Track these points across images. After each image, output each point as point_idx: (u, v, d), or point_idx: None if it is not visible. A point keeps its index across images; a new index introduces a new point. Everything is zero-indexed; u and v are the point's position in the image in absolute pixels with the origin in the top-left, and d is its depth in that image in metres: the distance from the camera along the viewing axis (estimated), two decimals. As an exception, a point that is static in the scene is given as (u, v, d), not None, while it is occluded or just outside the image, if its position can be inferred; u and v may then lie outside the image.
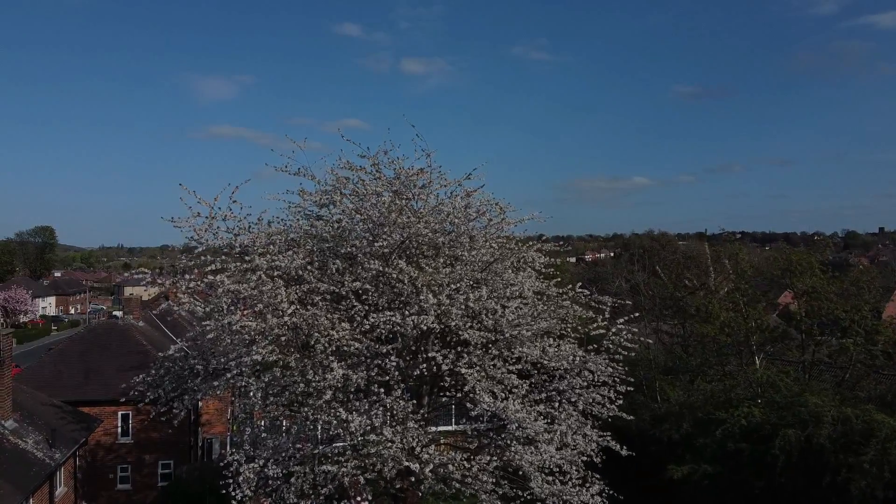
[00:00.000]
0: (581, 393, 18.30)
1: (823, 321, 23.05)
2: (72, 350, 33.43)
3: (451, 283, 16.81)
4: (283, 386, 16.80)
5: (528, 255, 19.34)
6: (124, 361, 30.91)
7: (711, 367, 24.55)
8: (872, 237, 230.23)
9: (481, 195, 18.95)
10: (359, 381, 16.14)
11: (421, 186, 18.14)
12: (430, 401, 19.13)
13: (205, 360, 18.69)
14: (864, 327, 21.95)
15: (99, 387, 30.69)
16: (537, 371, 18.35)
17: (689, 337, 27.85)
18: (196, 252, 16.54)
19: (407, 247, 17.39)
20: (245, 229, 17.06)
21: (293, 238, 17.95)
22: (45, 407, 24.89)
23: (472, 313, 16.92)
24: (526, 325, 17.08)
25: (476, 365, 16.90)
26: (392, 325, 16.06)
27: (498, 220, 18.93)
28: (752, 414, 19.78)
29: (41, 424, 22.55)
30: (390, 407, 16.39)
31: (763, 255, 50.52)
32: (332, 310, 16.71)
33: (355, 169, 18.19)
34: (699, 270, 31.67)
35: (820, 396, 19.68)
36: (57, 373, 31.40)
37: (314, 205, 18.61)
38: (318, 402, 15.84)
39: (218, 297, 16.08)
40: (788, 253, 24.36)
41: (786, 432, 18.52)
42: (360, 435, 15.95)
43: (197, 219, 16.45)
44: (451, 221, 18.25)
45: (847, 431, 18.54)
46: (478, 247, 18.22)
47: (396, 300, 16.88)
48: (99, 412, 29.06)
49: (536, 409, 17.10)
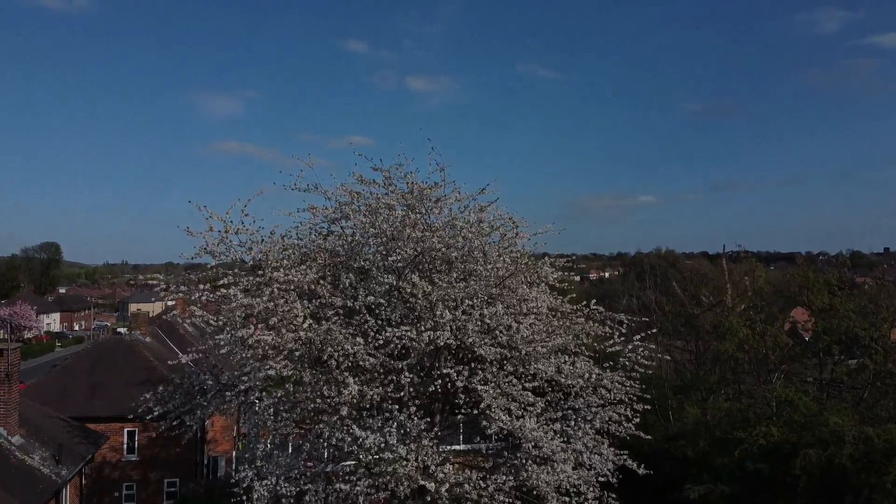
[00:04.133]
0: (597, 411, 18.02)
1: (842, 339, 22.74)
2: (78, 365, 33.23)
3: (466, 298, 16.59)
4: (294, 402, 16.56)
5: (543, 270, 19.12)
6: (131, 377, 30.65)
7: (728, 385, 24.23)
8: (878, 257, 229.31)
9: (495, 210, 18.81)
10: (373, 398, 15.87)
11: (435, 200, 17.95)
12: (443, 418, 18.85)
13: (215, 376, 18.47)
14: (883, 345, 21.64)
15: (105, 403, 30.44)
16: (552, 389, 18.07)
17: (703, 354, 27.55)
18: (210, 266, 16.35)
19: (420, 261, 17.19)
20: (258, 242, 16.89)
21: (306, 252, 17.77)
22: (52, 422, 24.60)
23: (486, 329, 16.69)
24: (541, 342, 16.84)
25: (491, 382, 16.64)
26: (407, 340, 15.82)
27: (512, 235, 18.75)
28: (771, 433, 19.43)
29: (48, 440, 22.25)
30: (404, 424, 16.12)
31: (769, 274, 50.25)
32: (346, 324, 16.50)
33: (367, 183, 18.08)
34: (714, 288, 31.40)
35: (840, 415, 19.33)
36: (63, 388, 31.16)
37: (325, 220, 18.47)
38: (332, 419, 15.56)
39: (231, 311, 15.87)
40: (805, 270, 24.13)
41: (807, 452, 18.17)
42: (375, 453, 15.66)
43: (210, 233, 16.27)
44: (463, 236, 18.06)
45: (869, 451, 18.20)
46: (492, 261, 18.01)
47: (410, 315, 16.66)
48: (105, 428, 28.73)
49: (552, 427, 16.81)
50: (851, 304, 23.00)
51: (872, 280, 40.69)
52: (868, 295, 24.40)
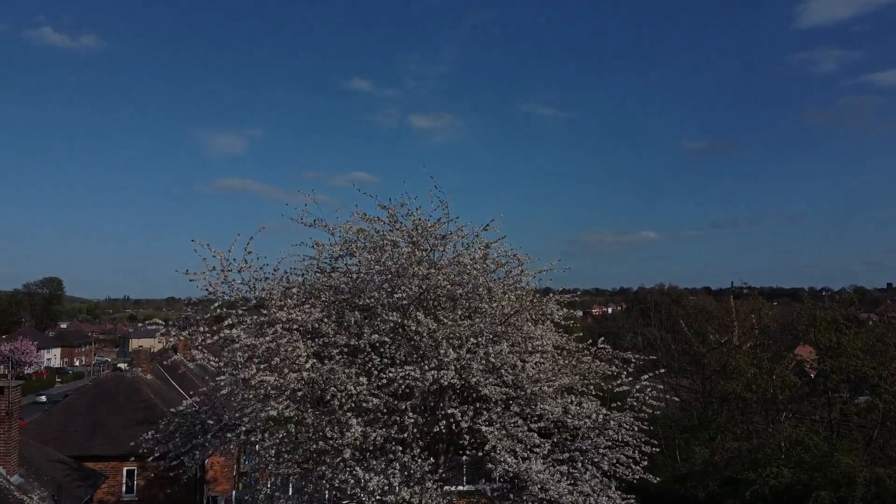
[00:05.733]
0: (604, 453, 17.70)
1: (850, 378, 22.43)
2: (78, 403, 32.89)
3: (471, 336, 16.41)
4: (297, 443, 16.31)
5: (548, 307, 18.95)
6: (131, 416, 30.37)
7: (737, 426, 23.87)
8: (881, 293, 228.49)
9: (499, 247, 18.70)
10: (377, 439, 15.61)
11: (441, 238, 17.84)
12: (447, 459, 18.52)
13: (216, 416, 18.22)
14: (892, 384, 21.32)
15: (105, 441, 30.07)
16: (558, 429, 17.78)
17: (710, 393, 27.20)
18: (213, 306, 16.21)
19: (424, 298, 17.05)
20: (262, 279, 16.79)
21: (310, 291, 17.63)
22: (51, 462, 24.27)
23: (491, 368, 16.47)
24: (546, 381, 16.61)
25: (496, 422, 16.37)
26: (411, 380, 15.60)
27: (517, 273, 18.63)
28: (782, 474, 19.09)
29: (46, 480, 21.92)
30: (408, 465, 15.83)
31: (773, 310, 49.96)
32: (349, 363, 16.30)
33: (371, 220, 18.00)
34: (719, 325, 31.13)
35: (851, 456, 19.00)
36: (63, 426, 30.81)
37: (330, 257, 18.36)
38: (335, 461, 15.30)
39: (232, 352, 15.69)
40: (812, 308, 23.91)
41: (819, 494, 17.83)
42: (378, 495, 15.35)
43: (212, 272, 16.18)
44: (468, 273, 17.92)
45: (881, 493, 17.86)
46: (497, 299, 17.85)
47: (414, 353, 16.47)
48: (104, 468, 28.33)
49: (559, 469, 16.49)
50: (859, 342, 22.73)
51: (877, 316, 40.41)
52: (875, 333, 24.13)
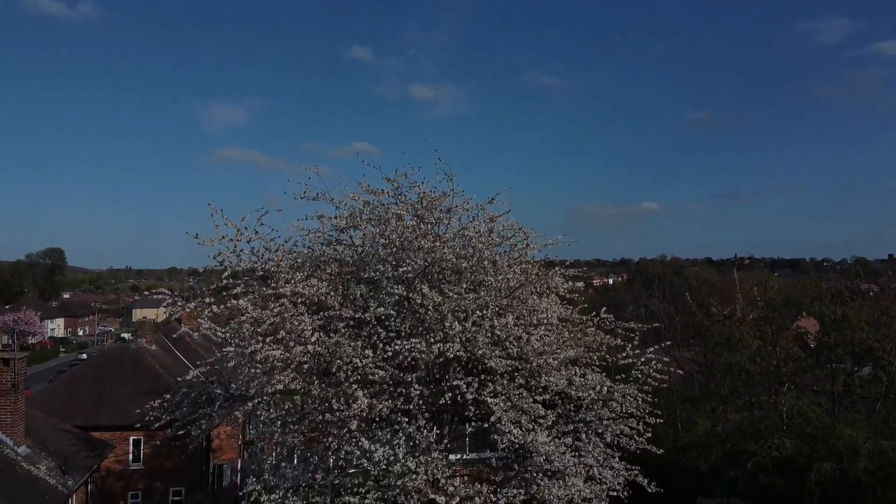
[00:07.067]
0: (608, 424, 17.78)
1: (855, 350, 22.46)
2: (84, 374, 33.08)
3: (476, 309, 16.40)
4: (303, 414, 16.39)
5: (553, 280, 18.92)
6: (137, 386, 30.51)
7: (739, 397, 23.98)
8: (882, 264, 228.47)
9: (505, 220, 18.63)
10: (382, 410, 15.67)
11: (446, 211, 17.75)
12: (451, 430, 18.63)
13: (223, 386, 18.29)
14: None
15: (111, 412, 30.29)
16: (562, 401, 17.85)
17: (713, 365, 27.27)
18: (224, 275, 16.17)
19: (429, 272, 17.01)
20: (270, 251, 16.73)
21: (316, 264, 17.59)
22: (58, 432, 24.46)
23: (496, 340, 16.49)
24: (552, 353, 16.64)
25: (501, 394, 16.43)
26: (416, 352, 15.62)
27: (523, 246, 18.57)
28: (784, 446, 19.20)
29: (53, 450, 22.11)
30: (413, 436, 15.91)
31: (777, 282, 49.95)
32: (355, 336, 16.31)
33: (376, 192, 17.89)
34: (722, 297, 31.10)
35: (854, 428, 19.10)
36: (68, 397, 31.01)
37: (334, 229, 18.27)
38: (341, 432, 15.38)
39: (239, 324, 15.68)
40: (816, 280, 23.88)
41: (821, 466, 17.95)
42: (384, 465, 15.46)
43: (221, 241, 16.10)
44: (473, 246, 17.86)
45: (883, 465, 17.95)
46: (502, 272, 17.82)
47: (419, 326, 16.47)
48: (110, 438, 28.58)
49: (564, 440, 16.58)
50: (864, 315, 22.73)
51: (878, 288, 40.38)
52: (880, 305, 24.11)
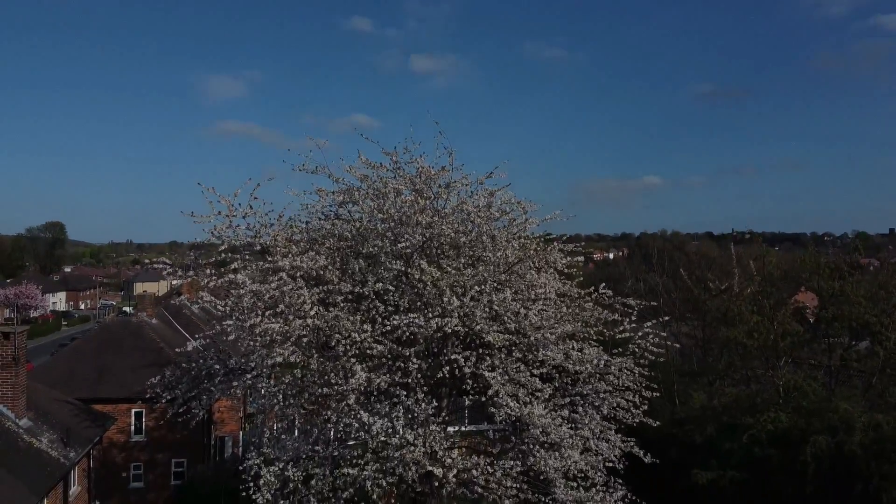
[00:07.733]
0: (605, 397, 17.92)
1: (852, 325, 22.52)
2: (85, 348, 33.26)
3: (474, 284, 16.45)
4: (302, 387, 16.51)
5: (552, 255, 18.93)
6: (138, 359, 30.72)
7: (736, 371, 24.11)
8: (883, 238, 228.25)
9: (503, 194, 18.58)
10: (381, 384, 15.79)
11: (445, 186, 17.70)
12: (449, 403, 18.78)
13: (222, 360, 18.41)
14: (893, 332, 21.41)
15: (113, 385, 30.50)
16: (559, 375, 17.97)
17: (710, 340, 27.40)
18: (221, 248, 16.21)
19: (428, 247, 17.03)
20: (266, 226, 16.73)
21: (314, 237, 17.61)
22: (59, 405, 24.65)
23: (494, 315, 16.56)
24: (549, 328, 16.73)
25: (499, 368, 16.54)
26: (415, 327, 15.70)
27: (521, 220, 18.55)
28: (780, 419, 19.35)
29: (55, 423, 22.30)
30: (411, 409, 16.05)
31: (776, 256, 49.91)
32: (354, 310, 16.38)
33: (374, 166, 17.84)
34: (721, 272, 31.13)
35: (849, 402, 19.23)
36: (70, 370, 31.21)
37: (333, 203, 18.24)
38: (341, 406, 15.50)
39: (239, 297, 15.75)
40: (815, 255, 23.87)
41: (816, 439, 18.09)
42: (382, 437, 15.60)
43: (217, 217, 16.11)
44: (471, 221, 17.85)
45: (878, 438, 18.09)
46: (501, 247, 17.83)
47: (418, 301, 16.53)
48: (112, 410, 28.79)
49: (560, 413, 16.73)
50: (862, 289, 22.76)
51: (879, 262, 40.33)
52: (878, 280, 24.13)
